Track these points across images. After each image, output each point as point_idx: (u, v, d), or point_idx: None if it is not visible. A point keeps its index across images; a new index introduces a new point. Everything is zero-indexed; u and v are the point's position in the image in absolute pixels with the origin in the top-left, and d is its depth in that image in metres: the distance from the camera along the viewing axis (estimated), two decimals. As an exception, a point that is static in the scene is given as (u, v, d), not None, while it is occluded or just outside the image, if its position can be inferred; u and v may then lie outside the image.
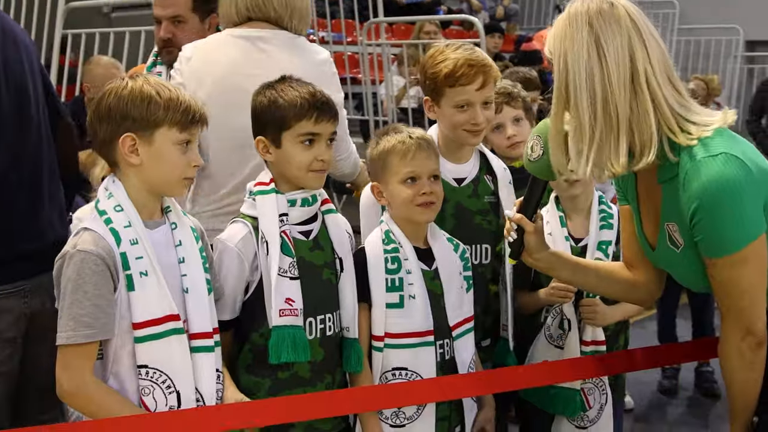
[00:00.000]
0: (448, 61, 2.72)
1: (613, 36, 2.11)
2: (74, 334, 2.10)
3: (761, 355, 2.15)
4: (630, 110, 2.11)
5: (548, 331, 2.82)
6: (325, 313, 2.49)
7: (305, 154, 2.44)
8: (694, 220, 2.09)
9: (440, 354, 2.60)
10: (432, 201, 2.58)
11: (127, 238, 2.16)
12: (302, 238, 2.47)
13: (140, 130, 2.18)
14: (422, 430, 2.57)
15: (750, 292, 2.11)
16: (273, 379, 2.44)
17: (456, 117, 2.74)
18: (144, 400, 2.16)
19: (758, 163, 2.10)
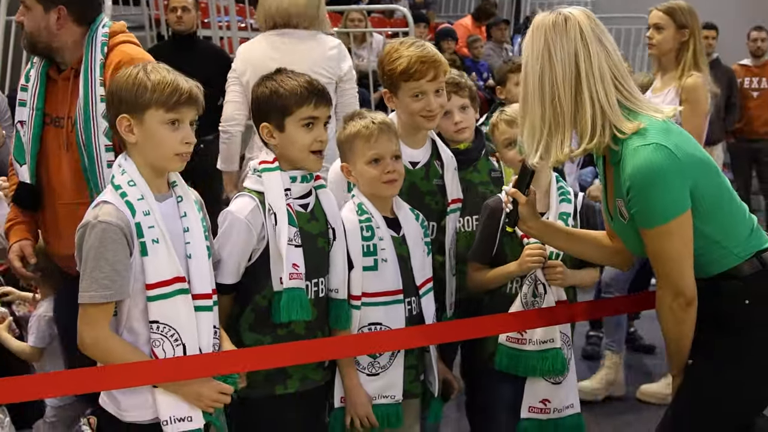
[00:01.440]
0: (403, 59, 3.05)
1: (561, 45, 2.51)
2: (96, 294, 2.40)
3: (691, 312, 2.54)
4: (573, 107, 2.51)
5: (525, 299, 3.06)
6: (319, 277, 2.81)
7: (307, 136, 2.75)
8: (628, 197, 2.49)
9: (408, 310, 2.96)
10: (395, 178, 2.91)
11: (140, 209, 2.45)
12: (301, 210, 2.78)
13: (132, 112, 2.47)
14: (394, 376, 2.93)
15: (677, 260, 2.51)
16: (273, 336, 2.74)
17: (413, 105, 3.09)
18: (154, 351, 2.46)
19: (688, 151, 2.49)
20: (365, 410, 2.89)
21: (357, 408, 2.89)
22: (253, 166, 2.79)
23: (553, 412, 3.11)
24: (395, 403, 2.94)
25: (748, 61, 8.73)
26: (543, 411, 3.10)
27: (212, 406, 2.51)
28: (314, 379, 2.84)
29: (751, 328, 2.56)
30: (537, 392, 3.10)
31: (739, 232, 2.59)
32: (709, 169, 2.54)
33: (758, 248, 2.59)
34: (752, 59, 8.70)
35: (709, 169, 2.54)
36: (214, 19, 8.40)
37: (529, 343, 3.06)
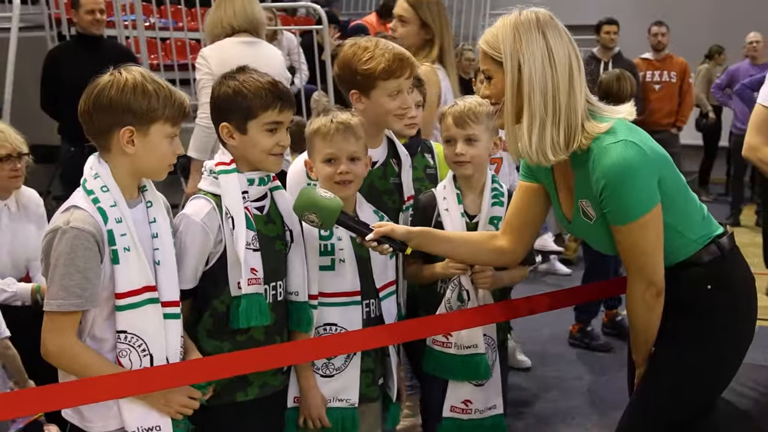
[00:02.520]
0: (379, 58, 3.00)
1: (560, 42, 2.54)
2: (65, 303, 2.32)
3: (660, 301, 2.60)
4: (569, 106, 2.52)
5: (449, 303, 3.06)
6: (277, 281, 2.76)
7: (269, 140, 2.67)
8: (602, 196, 2.51)
9: (366, 312, 2.93)
10: (349, 179, 2.87)
11: (113, 216, 2.37)
12: (257, 213, 2.72)
13: (139, 124, 2.39)
14: (349, 379, 2.91)
15: (650, 252, 2.55)
16: (232, 342, 2.68)
17: (389, 104, 3.04)
18: (121, 361, 2.40)
19: (652, 146, 2.54)
20: (318, 412, 2.87)
21: (310, 409, 2.87)
22: (209, 168, 2.72)
23: (474, 413, 3.13)
24: (351, 408, 2.92)
25: (649, 54, 8.97)
26: (464, 411, 3.12)
27: (181, 412, 2.46)
28: (273, 385, 2.81)
29: (712, 312, 2.63)
30: (459, 393, 3.12)
31: (695, 220, 2.66)
32: (669, 162, 2.60)
33: (712, 234, 2.67)
34: (653, 53, 8.94)
35: (669, 162, 2.60)
36: (120, 18, 8.20)
37: (454, 347, 3.07)
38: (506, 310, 3.03)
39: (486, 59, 2.62)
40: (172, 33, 8.65)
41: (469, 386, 3.11)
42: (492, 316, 3.00)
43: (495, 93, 2.63)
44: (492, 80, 2.63)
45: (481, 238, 2.95)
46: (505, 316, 3.02)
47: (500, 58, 2.56)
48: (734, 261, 2.71)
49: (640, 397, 2.74)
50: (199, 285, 2.67)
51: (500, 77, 2.59)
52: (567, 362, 5.62)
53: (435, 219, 3.09)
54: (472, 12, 13.35)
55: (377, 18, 11.11)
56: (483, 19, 13.20)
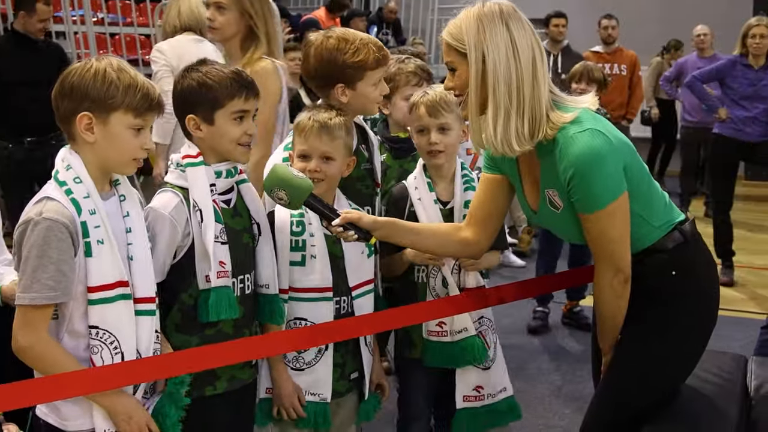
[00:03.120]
0: (365, 48, 2.98)
1: (523, 34, 2.55)
2: (38, 296, 2.26)
3: (627, 288, 2.63)
4: (533, 97, 2.53)
5: (434, 291, 3.10)
6: (245, 274, 2.74)
7: (236, 129, 2.66)
8: (570, 185, 2.53)
9: (336, 309, 2.92)
10: (319, 178, 2.85)
11: (86, 208, 2.31)
12: (224, 206, 2.70)
13: (97, 111, 2.33)
14: (321, 374, 2.90)
15: (618, 240, 2.58)
16: (201, 336, 2.66)
17: (374, 93, 3.03)
18: (92, 358, 2.34)
19: (617, 135, 2.57)
20: (291, 401, 2.87)
21: (283, 399, 2.87)
22: (175, 161, 2.69)
23: (487, 398, 3.15)
24: (323, 403, 2.91)
25: (599, 48, 9.05)
26: (477, 398, 3.14)
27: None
28: (242, 378, 2.79)
29: (677, 298, 2.67)
30: (469, 380, 3.14)
31: (659, 207, 2.70)
32: (633, 151, 2.63)
33: (674, 221, 2.70)
34: (603, 46, 9.02)
35: (633, 151, 2.63)
36: (68, 13, 8.10)
37: (449, 335, 3.09)
38: (477, 299, 3.04)
39: (450, 51, 2.62)
40: (121, 28, 8.56)
41: (476, 371, 3.14)
42: (463, 306, 3.01)
43: (459, 85, 2.64)
44: (456, 72, 2.63)
45: (446, 229, 2.95)
46: (475, 306, 3.03)
47: (464, 49, 2.56)
48: (697, 247, 2.75)
49: (608, 384, 2.76)
50: (166, 279, 2.63)
51: (464, 69, 2.59)
52: (528, 352, 5.66)
53: (408, 209, 3.11)
54: (421, 6, 13.38)
55: (326, 12, 11.12)
56: (432, 13, 13.24)
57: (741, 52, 7.00)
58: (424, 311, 3.00)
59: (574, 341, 5.80)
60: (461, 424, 3.16)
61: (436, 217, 3.10)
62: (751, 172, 11.76)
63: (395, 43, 11.91)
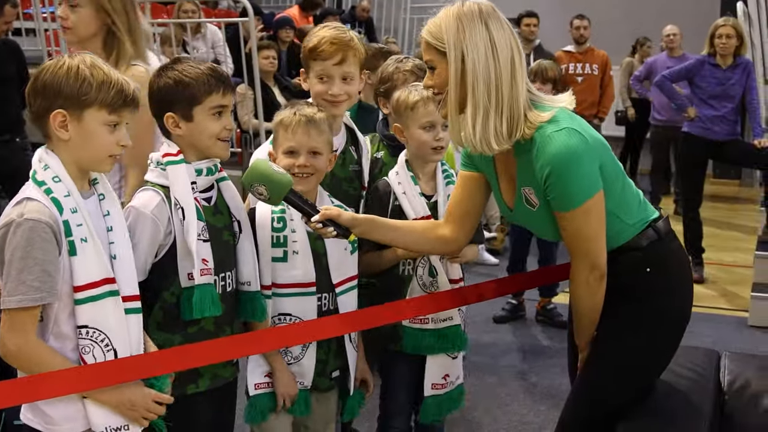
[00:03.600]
0: (315, 37, 3.06)
1: (501, 33, 2.57)
2: (24, 298, 2.23)
3: (603, 284, 2.66)
4: (511, 96, 2.56)
5: (421, 280, 3.13)
6: (226, 271, 2.76)
7: (216, 124, 2.67)
8: (546, 183, 2.56)
9: (318, 306, 2.94)
10: (310, 173, 2.89)
11: (67, 206, 2.30)
12: (205, 204, 2.71)
13: (71, 108, 2.31)
14: (305, 365, 2.94)
15: (593, 237, 2.62)
16: (183, 335, 2.67)
17: (317, 87, 3.07)
18: (84, 358, 2.32)
19: (592, 134, 2.61)
20: (295, 390, 2.93)
21: (288, 389, 2.92)
22: (155, 159, 2.69)
23: (449, 386, 3.22)
24: (304, 390, 2.95)
25: (571, 47, 9.12)
26: (443, 386, 3.21)
27: (146, 417, 2.41)
28: (224, 377, 2.81)
29: (651, 295, 2.71)
30: (439, 369, 3.19)
31: (633, 205, 2.74)
32: (608, 149, 2.67)
33: (648, 219, 2.74)
34: (575, 46, 9.08)
35: (608, 149, 2.67)
36: (38, 10, 8.04)
37: (431, 322, 3.13)
38: (457, 297, 3.08)
39: (429, 50, 2.65)
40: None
41: (447, 360, 3.20)
42: (443, 304, 3.05)
43: (438, 83, 2.66)
44: (435, 70, 2.65)
45: (424, 227, 2.98)
46: (455, 303, 3.07)
47: (443, 48, 2.58)
48: (671, 244, 2.79)
49: (584, 381, 2.80)
50: (148, 278, 2.64)
51: (443, 67, 2.62)
52: (501, 349, 5.72)
53: (392, 204, 3.14)
54: (393, 5, 13.40)
55: (300, 11, 11.12)
56: (404, 12, 13.28)
57: (709, 52, 7.09)
58: (406, 308, 3.03)
59: (547, 338, 5.86)
60: (429, 411, 3.22)
61: (422, 209, 3.13)
62: (719, 171, 11.89)
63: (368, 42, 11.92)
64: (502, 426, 4.51)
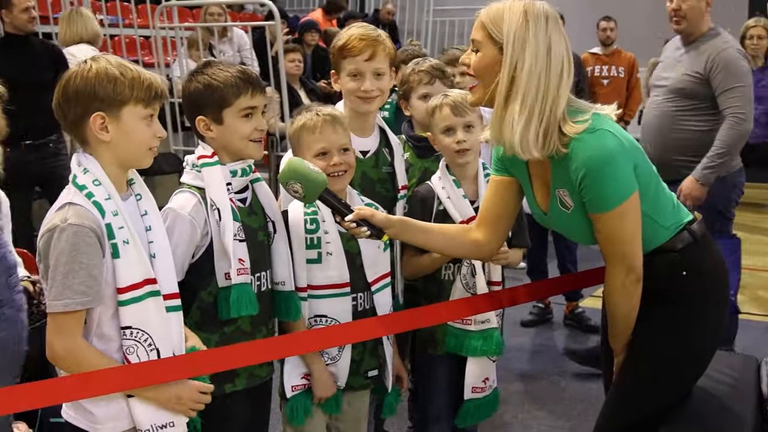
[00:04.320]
0: (344, 36, 3.07)
1: (559, 40, 2.53)
2: (71, 302, 2.24)
3: (639, 288, 2.63)
4: (553, 106, 2.52)
5: (464, 279, 3.13)
6: (261, 272, 2.77)
7: (246, 126, 2.69)
8: (582, 185, 2.53)
9: (353, 305, 2.94)
10: (344, 170, 2.89)
11: (109, 209, 2.31)
12: (240, 205, 2.72)
13: (108, 109, 2.33)
14: (341, 366, 2.94)
15: (629, 239, 2.59)
16: (220, 334, 2.69)
17: (349, 85, 3.08)
18: (128, 358, 2.34)
19: (626, 136, 2.58)
20: (333, 392, 2.93)
21: (327, 391, 2.92)
22: (191, 162, 2.71)
23: (488, 389, 3.22)
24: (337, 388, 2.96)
25: (597, 49, 9.08)
26: (483, 389, 3.20)
27: (193, 408, 2.41)
28: (260, 376, 2.82)
29: (688, 298, 2.67)
30: (480, 372, 3.18)
31: (666, 207, 2.70)
32: (642, 151, 2.64)
33: (683, 221, 2.71)
34: (602, 48, 9.05)
35: (642, 151, 2.64)
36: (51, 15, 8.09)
37: (473, 324, 3.13)
38: (491, 301, 3.07)
39: (481, 31, 2.59)
40: (121, 30, 8.55)
41: (487, 363, 3.19)
42: (478, 308, 3.04)
43: (478, 67, 2.62)
44: (478, 53, 2.62)
45: (457, 230, 2.97)
46: (490, 307, 3.05)
47: (498, 36, 2.54)
48: (707, 247, 2.76)
49: (620, 387, 2.76)
50: (185, 278, 2.65)
51: (488, 53, 2.58)
52: (530, 353, 5.68)
53: (436, 209, 3.13)
54: (416, 8, 13.40)
55: (323, 14, 11.15)
56: (427, 15, 13.28)
57: (739, 53, 7.01)
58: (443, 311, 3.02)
59: (576, 342, 5.79)
60: (467, 415, 3.20)
61: (468, 212, 3.13)
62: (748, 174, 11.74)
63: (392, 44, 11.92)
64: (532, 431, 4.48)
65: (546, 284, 3.32)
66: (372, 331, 2.89)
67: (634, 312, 2.67)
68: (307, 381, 2.93)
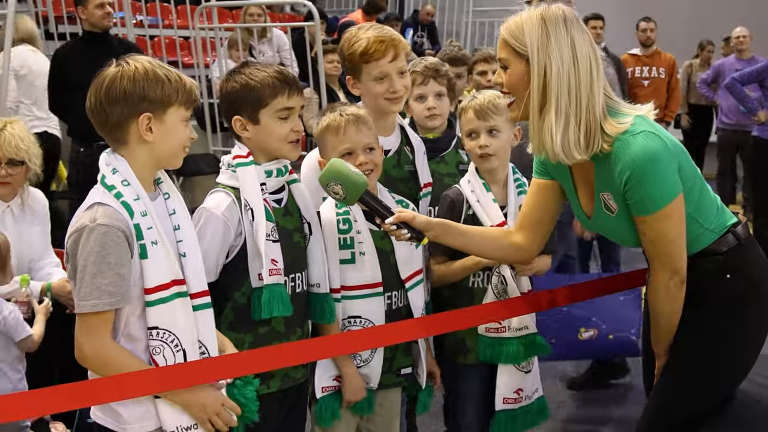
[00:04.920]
0: (362, 40, 3.03)
1: (582, 39, 2.52)
2: (99, 302, 2.25)
3: (683, 290, 2.60)
4: (588, 107, 2.51)
5: (496, 289, 3.06)
6: (296, 273, 2.76)
7: (283, 127, 2.69)
8: (626, 187, 2.51)
9: (387, 304, 2.93)
10: (370, 169, 2.87)
11: (138, 210, 2.31)
12: (276, 205, 2.72)
13: (155, 110, 2.35)
14: (374, 366, 2.93)
15: (676, 241, 2.56)
16: (254, 334, 2.69)
17: (376, 88, 3.05)
18: (155, 359, 2.34)
19: (670, 137, 2.55)
20: (362, 395, 2.92)
21: (356, 394, 2.91)
22: (226, 162, 2.72)
23: (525, 400, 3.15)
24: (369, 390, 2.95)
25: (637, 50, 9.00)
26: (516, 401, 3.13)
27: (212, 421, 2.40)
28: (294, 377, 2.81)
29: (731, 301, 2.64)
30: (510, 383, 3.12)
31: (711, 209, 2.67)
32: (685, 153, 2.61)
33: (727, 224, 2.67)
34: (642, 49, 8.97)
35: (685, 153, 2.61)
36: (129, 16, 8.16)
37: (508, 330, 3.08)
38: (530, 303, 3.03)
39: (506, 48, 2.59)
40: (161, 30, 8.61)
41: (518, 374, 3.13)
42: (516, 310, 3.01)
43: (510, 83, 2.62)
44: (508, 70, 2.61)
45: (497, 233, 2.95)
46: (529, 309, 3.02)
47: (523, 50, 2.53)
48: (751, 250, 2.72)
49: (662, 390, 2.73)
50: (219, 278, 2.66)
51: (518, 68, 2.57)
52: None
53: (465, 213, 3.10)
54: (456, 9, 13.37)
55: (363, 14, 11.14)
56: (466, 16, 13.24)
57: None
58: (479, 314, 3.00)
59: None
60: (500, 426, 3.15)
61: (497, 216, 3.07)
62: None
63: (430, 45, 11.92)
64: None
65: (586, 286, 3.26)
66: (406, 334, 2.87)
67: (677, 315, 2.64)
68: (338, 383, 2.93)
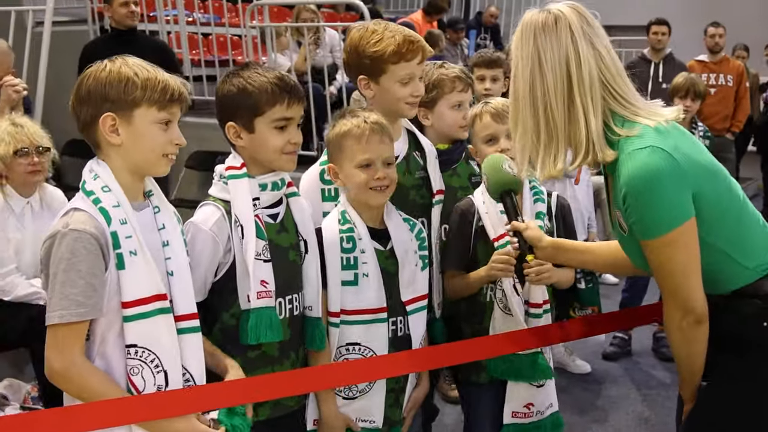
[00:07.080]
0: (389, 39, 2.81)
1: (551, 50, 2.26)
2: (67, 313, 2.09)
3: (702, 330, 2.30)
4: (567, 119, 2.27)
5: (501, 303, 2.92)
6: (292, 294, 2.57)
7: (279, 138, 2.49)
8: (625, 206, 2.25)
9: (392, 330, 2.72)
10: (386, 185, 2.67)
11: (116, 217, 2.16)
12: (270, 221, 2.53)
13: (119, 111, 2.20)
14: (375, 400, 2.71)
15: (682, 274, 2.26)
16: (243, 358, 2.48)
17: (400, 91, 2.84)
18: (132, 380, 2.18)
19: (690, 155, 2.24)
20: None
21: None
22: (218, 172, 2.53)
23: (536, 415, 2.99)
24: (374, 429, 2.73)
25: (704, 57, 8.65)
26: (526, 415, 2.97)
27: None
28: (287, 405, 2.61)
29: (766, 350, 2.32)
30: (520, 397, 2.96)
31: (753, 243, 2.34)
32: (715, 174, 2.30)
33: None
34: (709, 55, 8.61)
35: (715, 174, 2.30)
36: (161, 12, 8.11)
37: None
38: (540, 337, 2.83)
39: None
40: (213, 29, 8.54)
41: (530, 389, 2.97)
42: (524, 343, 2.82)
43: None
44: None
45: (608, 246, 2.71)
46: (538, 343, 2.82)
47: None
48: None
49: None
50: (207, 298, 2.48)
51: None
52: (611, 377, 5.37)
53: (476, 225, 2.93)
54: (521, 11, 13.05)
55: (423, 16, 10.95)
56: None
57: None
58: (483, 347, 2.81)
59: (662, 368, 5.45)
60: None
61: (501, 228, 2.87)
62: None
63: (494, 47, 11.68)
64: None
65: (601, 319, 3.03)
66: (403, 367, 2.67)
67: (699, 358, 2.35)
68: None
